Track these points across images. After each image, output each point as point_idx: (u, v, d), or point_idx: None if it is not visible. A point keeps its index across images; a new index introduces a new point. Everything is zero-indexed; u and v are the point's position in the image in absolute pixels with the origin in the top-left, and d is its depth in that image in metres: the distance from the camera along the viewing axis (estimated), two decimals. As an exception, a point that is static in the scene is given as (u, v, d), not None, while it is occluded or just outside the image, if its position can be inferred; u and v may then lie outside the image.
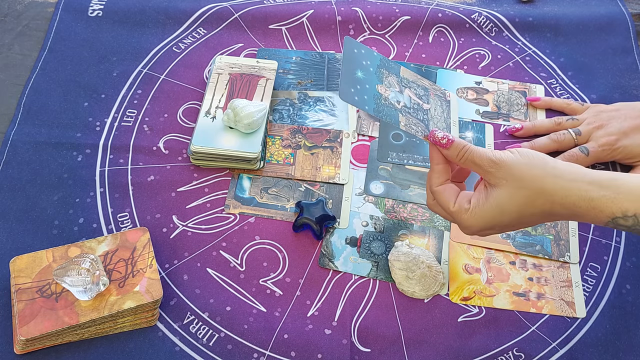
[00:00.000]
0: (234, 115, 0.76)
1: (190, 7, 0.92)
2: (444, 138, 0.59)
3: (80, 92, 0.83)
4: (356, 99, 0.60)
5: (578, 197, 0.53)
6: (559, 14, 0.96)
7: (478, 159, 0.57)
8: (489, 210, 0.56)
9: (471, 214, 0.57)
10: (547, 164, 0.56)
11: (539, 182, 0.54)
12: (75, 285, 0.61)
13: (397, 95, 0.63)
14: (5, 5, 0.92)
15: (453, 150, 0.59)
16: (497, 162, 0.56)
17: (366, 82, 0.62)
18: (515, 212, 0.56)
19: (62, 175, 0.76)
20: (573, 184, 0.54)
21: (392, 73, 0.65)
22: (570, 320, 0.69)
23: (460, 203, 0.58)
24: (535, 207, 0.55)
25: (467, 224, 0.58)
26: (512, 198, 0.55)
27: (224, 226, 0.74)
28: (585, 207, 0.54)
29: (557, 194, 0.54)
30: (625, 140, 0.77)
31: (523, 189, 0.55)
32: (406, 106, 0.63)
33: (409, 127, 0.61)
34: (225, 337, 0.66)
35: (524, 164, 0.55)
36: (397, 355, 0.66)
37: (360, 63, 0.63)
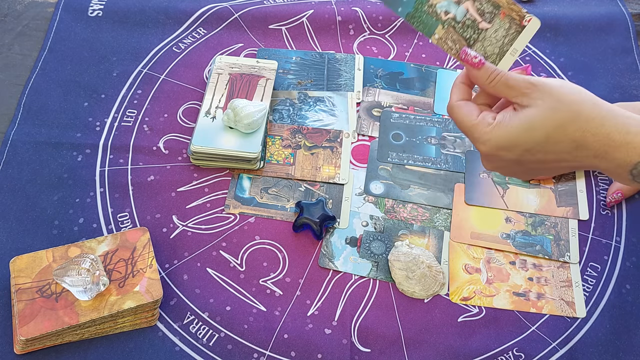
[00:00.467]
0: (234, 115, 0.76)
1: (190, 7, 0.92)
2: (476, 57, 0.55)
3: (80, 92, 0.83)
4: None
5: (614, 129, 0.50)
6: (559, 14, 0.96)
7: (513, 81, 0.53)
8: (516, 126, 0.52)
9: (494, 128, 0.53)
10: (588, 92, 0.52)
11: (576, 106, 0.51)
12: (75, 285, 0.61)
13: (449, 4, 0.56)
14: (5, 5, 0.92)
15: (484, 71, 0.54)
16: (536, 83, 0.52)
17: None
18: (544, 134, 0.51)
19: (62, 175, 0.76)
20: (611, 114, 0.51)
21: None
22: (570, 320, 0.69)
23: (485, 117, 0.54)
24: (567, 133, 0.51)
25: (487, 137, 0.53)
26: (544, 118, 0.51)
27: (224, 226, 0.74)
28: (620, 140, 0.50)
29: (593, 122, 0.50)
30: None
31: (558, 110, 0.51)
32: (455, 19, 0.56)
33: (443, 41, 0.55)
34: (225, 337, 0.66)
35: (565, 86, 0.52)
36: (397, 355, 0.66)
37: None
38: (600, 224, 0.76)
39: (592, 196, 0.79)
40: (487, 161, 0.56)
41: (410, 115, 0.84)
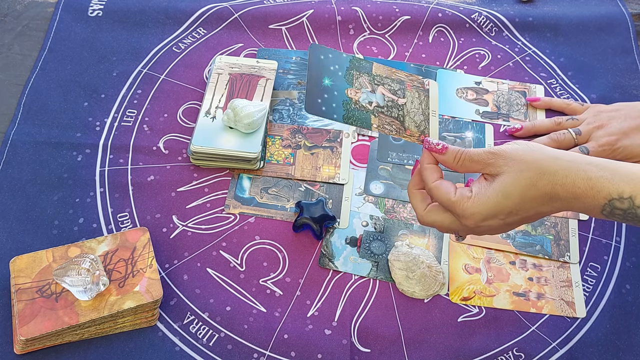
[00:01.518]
0: (234, 115, 0.76)
1: (190, 7, 0.92)
2: (438, 144, 0.59)
3: (80, 92, 0.83)
4: (323, 110, 0.59)
5: (577, 177, 0.54)
6: (559, 14, 0.96)
7: (476, 156, 0.57)
8: (492, 195, 0.56)
9: (474, 201, 0.56)
10: (545, 148, 0.56)
11: (539, 163, 0.55)
12: (75, 285, 0.61)
13: (368, 95, 0.63)
14: (5, 5, 0.92)
15: (449, 155, 0.59)
16: (496, 152, 0.57)
17: (334, 89, 0.61)
18: (519, 195, 0.55)
19: (62, 175, 0.76)
20: (572, 164, 0.54)
21: (363, 73, 0.64)
22: (570, 320, 0.69)
23: (462, 192, 0.57)
24: (538, 188, 0.55)
25: (470, 211, 0.57)
26: (515, 180, 0.55)
27: (224, 226, 0.74)
28: (584, 186, 0.54)
29: (558, 174, 0.54)
30: (626, 141, 0.77)
31: (525, 170, 0.55)
32: (379, 105, 0.62)
33: (382, 127, 0.61)
34: (225, 337, 0.66)
35: (523, 149, 0.56)
36: (397, 355, 0.66)
37: (328, 69, 0.62)
38: (600, 224, 0.76)
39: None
40: (475, 232, 0.59)
41: (410, 115, 0.84)
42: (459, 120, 0.84)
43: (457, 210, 0.58)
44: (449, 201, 0.58)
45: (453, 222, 0.59)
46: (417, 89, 0.66)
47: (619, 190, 0.53)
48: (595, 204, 0.54)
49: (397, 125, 0.62)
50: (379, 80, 0.65)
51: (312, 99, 0.60)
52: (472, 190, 0.57)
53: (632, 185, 0.53)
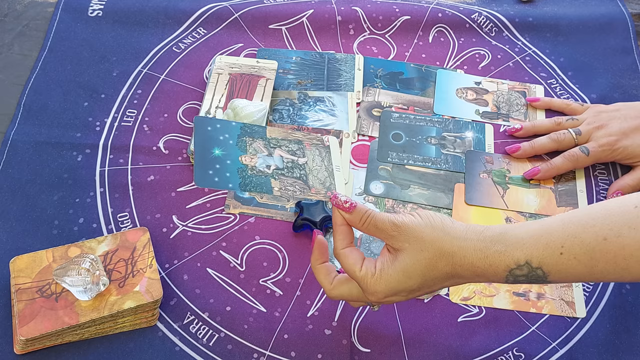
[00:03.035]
0: (234, 115, 0.76)
1: (190, 7, 0.92)
2: (346, 202, 0.58)
3: (80, 92, 0.83)
4: (216, 181, 0.57)
5: (474, 257, 0.55)
6: (559, 14, 0.96)
7: (380, 224, 0.57)
8: (394, 274, 0.56)
9: (377, 279, 0.56)
10: (445, 225, 0.56)
11: (438, 244, 0.55)
12: (75, 285, 0.61)
13: (265, 159, 0.61)
14: (5, 5, 0.92)
15: (356, 215, 0.58)
16: (399, 225, 0.56)
17: (227, 158, 0.59)
18: (420, 275, 0.56)
19: (62, 175, 0.76)
20: (468, 243, 0.55)
21: (257, 138, 0.62)
22: (570, 320, 0.69)
23: (367, 267, 0.57)
24: (438, 269, 0.56)
25: (374, 289, 0.57)
26: (415, 261, 0.55)
27: (224, 226, 0.74)
28: (482, 265, 0.55)
29: (456, 255, 0.55)
30: (626, 141, 0.77)
31: (425, 251, 0.55)
32: (278, 168, 0.61)
33: (284, 190, 0.60)
34: (225, 337, 0.66)
35: (424, 225, 0.56)
36: (397, 355, 0.66)
37: (217, 140, 0.60)
38: (600, 224, 0.76)
39: (592, 196, 0.79)
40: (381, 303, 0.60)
41: (410, 115, 0.84)
42: (459, 120, 0.84)
43: (362, 285, 0.58)
44: (354, 274, 0.58)
45: (360, 294, 0.59)
46: (317, 146, 0.65)
47: (515, 259, 0.54)
48: (498, 277, 0.55)
49: (300, 185, 0.61)
50: (275, 143, 0.63)
51: (201, 172, 0.57)
52: (376, 267, 0.57)
53: (524, 250, 0.54)
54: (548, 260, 0.53)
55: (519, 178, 0.79)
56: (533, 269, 0.54)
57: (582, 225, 0.53)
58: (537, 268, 0.54)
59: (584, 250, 0.52)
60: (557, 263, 0.53)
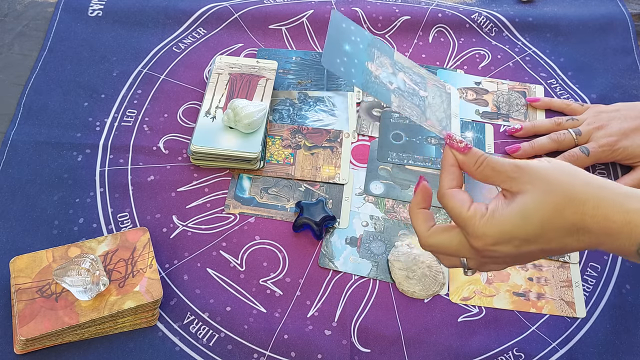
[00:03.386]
0: (234, 115, 0.76)
1: (190, 7, 0.92)
2: (461, 142, 0.53)
3: (80, 92, 0.83)
4: (342, 70, 0.53)
5: (612, 209, 0.47)
6: (559, 14, 0.96)
7: (499, 166, 0.51)
8: (510, 216, 0.49)
9: (488, 219, 0.49)
10: (577, 170, 0.50)
11: (568, 188, 0.48)
12: (75, 285, 0.61)
13: (389, 76, 0.57)
14: (5, 5, 0.92)
15: (471, 156, 0.53)
16: (522, 166, 0.50)
17: (354, 57, 0.55)
18: (540, 221, 0.48)
19: (62, 175, 0.76)
20: (607, 193, 0.47)
21: (384, 54, 0.58)
22: (570, 320, 0.69)
23: (477, 207, 0.51)
24: (564, 217, 0.48)
25: (482, 231, 0.50)
26: (538, 203, 0.48)
27: (224, 226, 0.74)
28: (620, 220, 0.47)
29: (589, 203, 0.47)
30: (626, 141, 0.77)
31: (551, 194, 0.48)
32: (399, 89, 0.56)
33: (402, 108, 0.55)
34: (225, 337, 0.66)
35: (552, 168, 0.50)
36: (397, 355, 0.66)
37: (349, 38, 0.56)
38: (600, 224, 0.76)
39: (592, 196, 0.79)
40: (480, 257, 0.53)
41: (410, 115, 0.84)
42: (459, 120, 0.84)
43: (468, 228, 0.51)
44: (460, 215, 0.51)
45: (461, 243, 0.52)
46: (438, 89, 0.61)
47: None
48: (631, 241, 0.47)
49: (417, 112, 0.56)
50: (400, 67, 0.59)
51: (330, 56, 0.53)
52: (488, 207, 0.51)
53: None
54: None
55: (519, 178, 0.79)
56: None
57: None
58: None
59: None
60: None
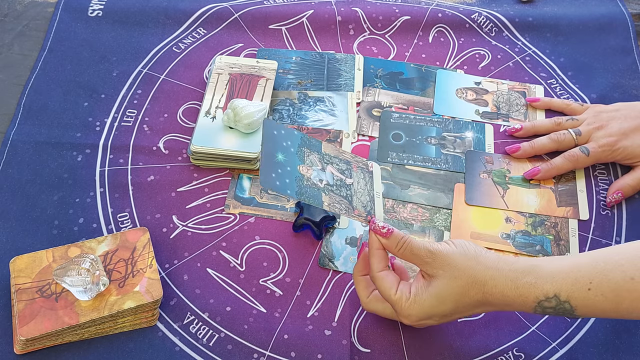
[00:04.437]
0: (234, 115, 0.76)
1: (190, 7, 0.92)
2: (384, 227, 0.61)
3: (80, 92, 0.83)
4: (277, 184, 0.59)
5: (505, 287, 0.57)
6: (559, 14, 0.96)
7: (416, 250, 0.60)
8: (428, 299, 0.59)
9: (412, 303, 0.59)
10: (478, 254, 0.59)
11: (471, 272, 0.58)
12: (75, 285, 0.62)
13: (319, 173, 0.64)
14: (5, 5, 0.92)
15: (392, 240, 0.61)
16: (434, 252, 0.59)
17: (287, 165, 0.62)
18: (453, 301, 0.59)
19: (62, 175, 0.76)
20: (500, 273, 0.58)
21: (313, 151, 0.65)
22: (570, 320, 0.69)
23: (402, 291, 0.60)
24: (470, 296, 0.58)
25: (407, 312, 0.60)
26: (449, 287, 0.58)
27: (224, 226, 0.74)
28: (513, 295, 0.57)
29: (488, 284, 0.58)
30: (625, 141, 0.77)
31: (458, 278, 0.58)
32: (329, 184, 0.64)
33: (332, 206, 0.62)
34: (225, 337, 0.66)
35: (459, 253, 0.59)
36: (397, 355, 0.66)
37: (281, 145, 0.63)
38: (600, 224, 0.76)
39: (592, 196, 0.79)
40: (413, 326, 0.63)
41: (410, 115, 0.84)
42: (459, 120, 0.84)
43: (396, 307, 0.61)
44: (389, 298, 0.61)
45: (393, 314, 0.63)
46: (362, 170, 0.68)
47: (544, 292, 0.56)
48: (526, 307, 0.58)
49: (345, 205, 0.63)
50: (328, 159, 0.66)
51: (267, 173, 0.60)
52: (411, 291, 0.60)
53: (554, 284, 0.56)
54: (576, 294, 0.56)
55: (519, 178, 0.79)
56: (561, 302, 0.56)
57: (612, 264, 0.56)
58: (565, 302, 0.56)
59: (611, 287, 0.55)
60: (585, 298, 0.56)
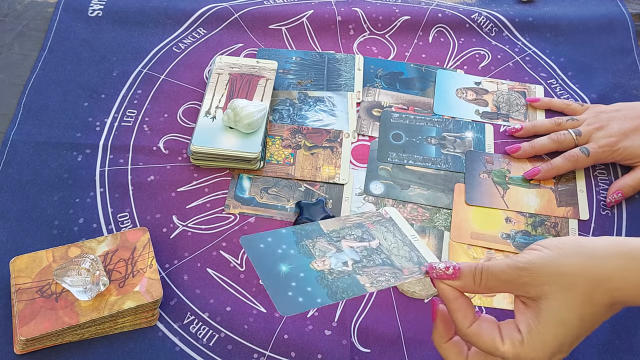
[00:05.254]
0: (234, 115, 0.76)
1: (190, 7, 0.92)
2: (448, 268, 0.49)
3: (80, 92, 0.83)
4: (301, 301, 0.49)
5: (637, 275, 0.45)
6: (559, 14, 0.96)
7: (502, 274, 0.47)
8: (548, 329, 0.46)
9: (530, 345, 0.46)
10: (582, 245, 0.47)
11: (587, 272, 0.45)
12: (75, 285, 0.61)
13: (338, 257, 0.53)
14: (5, 5, 0.92)
15: (466, 277, 0.48)
16: (527, 267, 0.46)
17: (297, 271, 0.51)
18: (578, 318, 0.46)
19: (62, 175, 0.76)
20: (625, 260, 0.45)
21: (316, 237, 0.55)
22: (570, 321, 0.69)
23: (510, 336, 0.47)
24: (596, 304, 0.46)
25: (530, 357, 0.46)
26: (566, 304, 0.45)
27: (224, 226, 0.74)
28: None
29: (615, 278, 0.45)
30: (626, 142, 0.77)
31: (573, 287, 0.45)
32: (356, 261, 0.53)
33: (377, 284, 0.51)
34: (225, 337, 0.66)
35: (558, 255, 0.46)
36: (397, 355, 0.66)
37: (277, 254, 0.53)
38: (600, 224, 0.76)
39: (592, 196, 0.79)
40: None
41: (410, 115, 0.84)
42: (459, 120, 0.84)
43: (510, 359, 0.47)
44: (497, 351, 0.47)
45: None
46: (379, 222, 0.58)
47: None
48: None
49: (390, 271, 0.53)
50: (337, 236, 0.56)
51: (281, 298, 0.49)
52: (521, 330, 0.47)
53: None
54: None
55: (519, 178, 0.79)
56: None
57: None
58: None
59: None
60: None
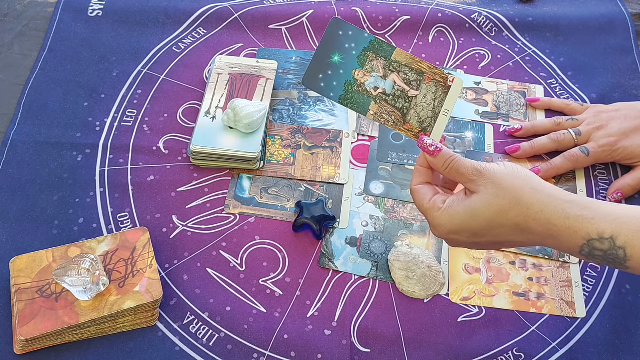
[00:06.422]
0: (234, 115, 0.76)
1: (190, 7, 0.92)
2: (432, 146, 0.59)
3: (80, 92, 0.83)
4: (322, 86, 0.58)
5: (554, 214, 0.52)
6: (559, 14, 0.96)
7: (463, 169, 0.57)
8: (460, 212, 0.56)
9: (442, 213, 0.57)
10: (529, 177, 0.55)
11: (516, 192, 0.54)
12: (75, 285, 0.62)
13: (376, 80, 0.61)
14: (5, 5, 0.92)
15: (440, 159, 0.59)
16: (481, 170, 0.56)
17: (341, 67, 0.60)
18: (487, 219, 0.55)
19: (62, 175, 0.76)
20: (551, 199, 0.53)
21: (380, 56, 0.61)
22: (570, 320, 0.69)
23: (435, 201, 0.58)
24: (508, 218, 0.54)
25: (437, 222, 0.58)
26: (486, 204, 0.55)
27: (224, 226, 0.74)
28: (561, 225, 0.52)
29: (533, 207, 0.53)
30: (625, 142, 0.77)
31: (499, 197, 0.54)
32: (384, 93, 0.61)
33: (379, 116, 0.60)
34: (225, 337, 0.66)
35: (507, 173, 0.55)
36: (397, 355, 0.66)
37: (342, 46, 0.61)
38: (600, 224, 0.76)
39: (592, 196, 0.79)
40: (446, 241, 0.61)
41: (410, 115, 0.84)
42: (459, 120, 0.84)
43: (427, 217, 0.59)
44: (421, 207, 0.59)
45: None
46: (437, 83, 0.62)
47: (599, 230, 0.51)
48: (571, 244, 0.53)
49: (396, 117, 0.60)
50: (395, 67, 0.61)
51: (312, 73, 0.58)
52: (445, 202, 0.58)
53: (613, 225, 0.51)
54: (636, 242, 0.50)
55: (519, 178, 0.79)
56: (615, 247, 0.51)
57: None
58: (620, 247, 0.50)
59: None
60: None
